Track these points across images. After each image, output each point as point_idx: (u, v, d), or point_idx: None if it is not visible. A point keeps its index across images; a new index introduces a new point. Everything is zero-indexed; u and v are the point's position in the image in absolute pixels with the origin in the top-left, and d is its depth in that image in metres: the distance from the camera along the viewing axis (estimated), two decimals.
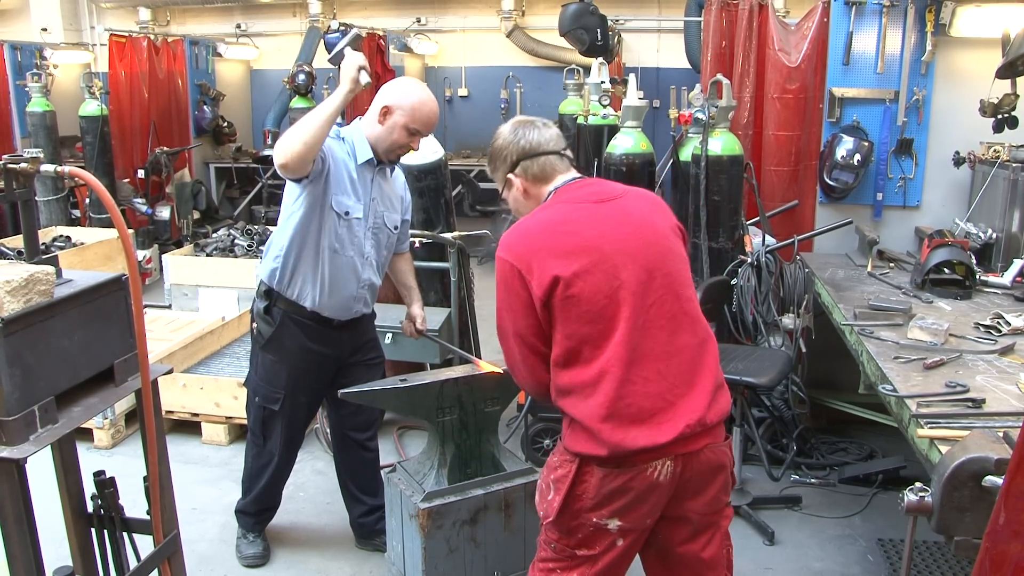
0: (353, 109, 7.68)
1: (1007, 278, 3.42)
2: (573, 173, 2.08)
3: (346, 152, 2.73)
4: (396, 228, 2.94)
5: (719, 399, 1.94)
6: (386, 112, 2.71)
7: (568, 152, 2.09)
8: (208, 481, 3.80)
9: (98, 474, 2.05)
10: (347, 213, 2.73)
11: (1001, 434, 1.70)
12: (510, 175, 2.07)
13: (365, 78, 2.54)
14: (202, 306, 5.57)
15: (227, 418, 4.14)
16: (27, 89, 7.06)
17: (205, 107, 8.77)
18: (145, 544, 2.07)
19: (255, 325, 2.91)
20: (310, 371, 2.92)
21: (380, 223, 2.85)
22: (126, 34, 8.05)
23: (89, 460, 3.47)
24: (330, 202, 2.69)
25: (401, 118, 2.70)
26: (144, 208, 7.42)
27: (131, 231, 5.61)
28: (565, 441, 1.94)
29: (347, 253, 2.77)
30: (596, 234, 1.90)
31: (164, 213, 7.69)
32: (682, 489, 1.92)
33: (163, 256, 6.13)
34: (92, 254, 6.15)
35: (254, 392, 2.98)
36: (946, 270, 3.35)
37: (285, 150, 2.45)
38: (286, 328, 2.84)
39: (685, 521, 1.97)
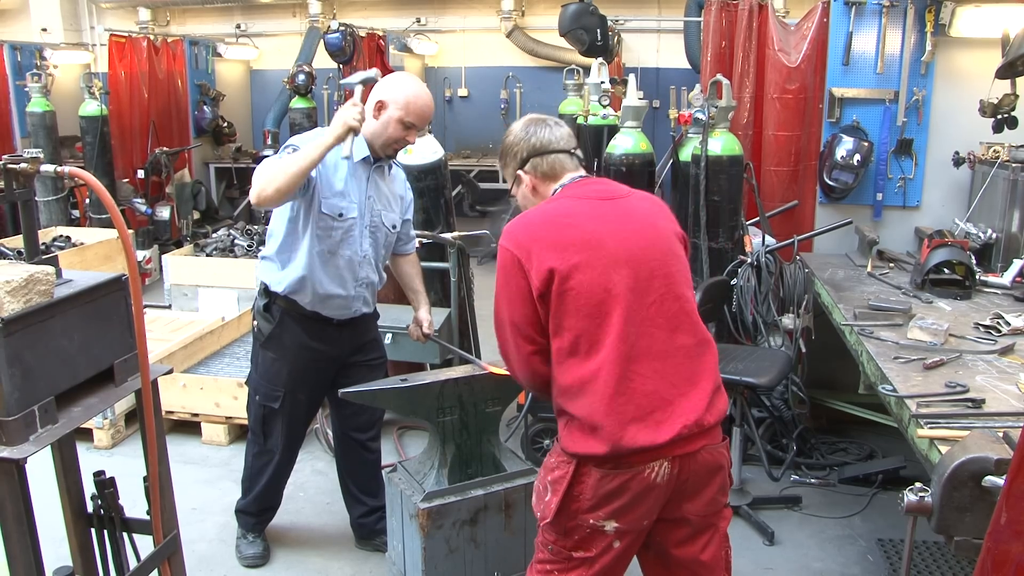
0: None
1: (1007, 278, 3.42)
2: (581, 172, 2.10)
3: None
4: (395, 227, 2.93)
5: (717, 401, 1.94)
6: (380, 107, 2.71)
7: (578, 151, 2.11)
8: (208, 481, 3.80)
9: (98, 474, 2.05)
10: (340, 215, 2.72)
11: (1001, 434, 1.70)
12: (519, 171, 2.09)
13: (354, 130, 2.55)
14: (202, 306, 5.57)
15: (227, 418, 4.14)
16: (27, 89, 7.06)
17: (205, 107, 8.77)
18: (145, 544, 2.07)
19: (256, 323, 2.91)
20: (309, 369, 2.91)
21: (378, 222, 2.83)
22: (126, 34, 8.05)
23: (89, 460, 3.47)
24: (318, 207, 2.69)
25: (395, 112, 2.69)
26: (144, 208, 7.42)
27: (131, 231, 5.57)
28: (562, 442, 1.94)
29: (343, 253, 2.77)
30: (598, 229, 1.91)
31: (164, 213, 7.69)
32: (679, 491, 1.92)
33: (163, 256, 6.14)
34: (92, 254, 6.15)
35: (254, 390, 2.98)
36: (946, 270, 3.35)
37: (259, 193, 2.51)
38: (286, 326, 2.84)
39: (683, 523, 1.97)
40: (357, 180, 2.76)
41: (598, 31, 5.98)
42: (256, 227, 6.37)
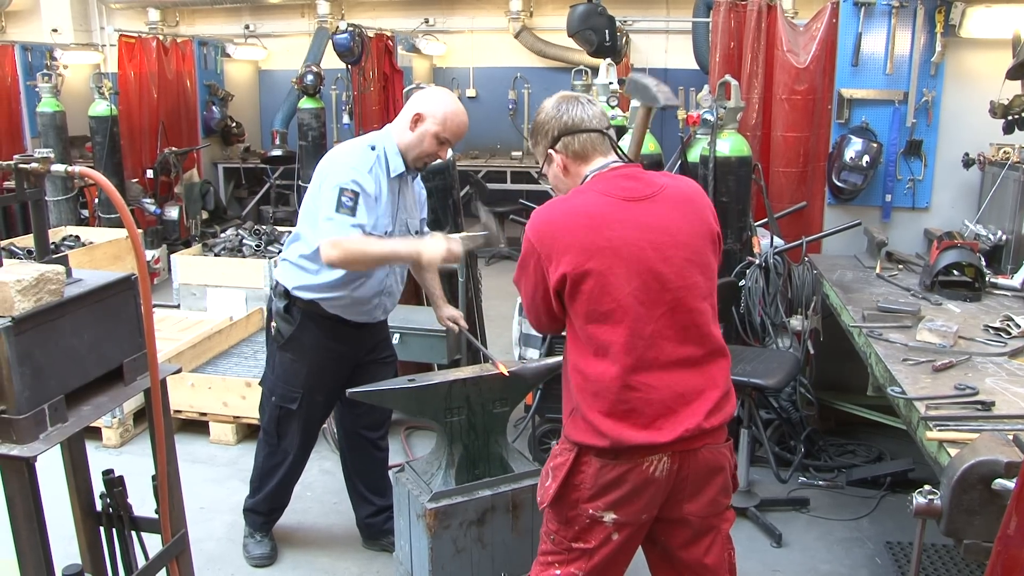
0: (360, 107, 7.72)
1: (1017, 280, 3.40)
2: (613, 157, 2.02)
3: (377, 168, 2.70)
4: (416, 232, 2.95)
5: (723, 406, 1.94)
6: (417, 119, 2.70)
7: (611, 131, 2.04)
8: (216, 480, 3.82)
9: (107, 473, 2.06)
10: (386, 232, 2.74)
11: (1011, 437, 1.69)
12: (551, 150, 2.03)
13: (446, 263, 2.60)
14: (210, 306, 5.59)
15: (235, 418, 4.15)
16: (37, 89, 7.11)
17: (214, 107, 8.79)
18: (153, 543, 2.08)
19: (273, 324, 2.90)
20: (328, 369, 2.92)
21: (404, 230, 2.85)
22: (135, 35, 8.09)
23: (98, 459, 3.48)
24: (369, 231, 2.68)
25: (432, 126, 2.68)
26: (153, 208, 7.44)
27: (140, 231, 5.58)
28: (565, 430, 1.96)
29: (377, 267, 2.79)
30: (617, 236, 1.87)
31: (173, 213, 7.71)
32: (679, 488, 1.92)
33: (172, 256, 6.15)
34: (101, 254, 6.18)
35: (271, 391, 2.98)
36: (955, 272, 3.33)
37: (340, 261, 2.55)
38: (306, 327, 2.84)
39: (685, 524, 1.98)
40: (391, 194, 2.76)
41: (606, 32, 5.98)
42: (264, 227, 6.38)
